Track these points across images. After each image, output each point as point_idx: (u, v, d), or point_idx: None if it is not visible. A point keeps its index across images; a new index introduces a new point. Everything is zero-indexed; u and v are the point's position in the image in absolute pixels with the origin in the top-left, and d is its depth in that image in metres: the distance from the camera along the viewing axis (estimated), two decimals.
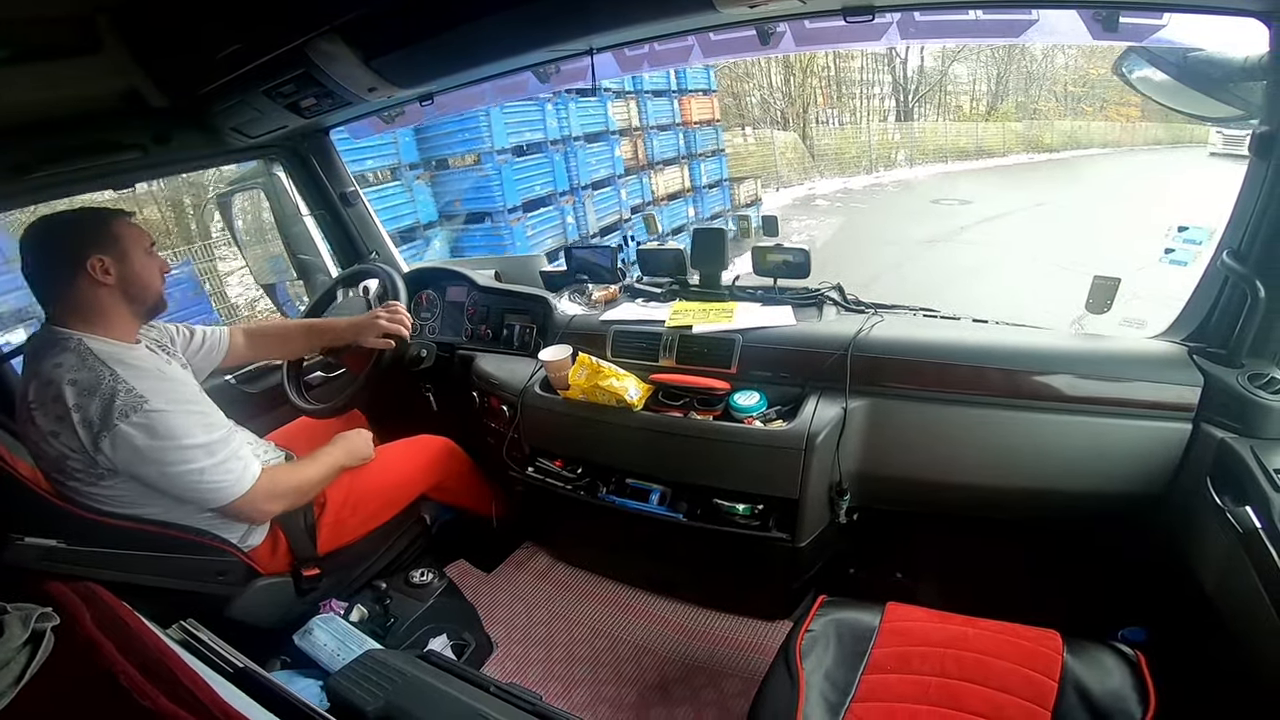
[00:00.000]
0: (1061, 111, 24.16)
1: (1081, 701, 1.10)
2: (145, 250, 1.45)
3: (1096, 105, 24.11)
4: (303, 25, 1.42)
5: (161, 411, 1.33)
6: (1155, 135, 23.39)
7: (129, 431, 1.29)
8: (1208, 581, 1.35)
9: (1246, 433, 1.34)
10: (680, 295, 2.09)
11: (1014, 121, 23.08)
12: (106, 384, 1.30)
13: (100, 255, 1.36)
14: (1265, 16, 1.18)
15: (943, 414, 1.63)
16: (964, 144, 21.19)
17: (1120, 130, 23.62)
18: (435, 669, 1.16)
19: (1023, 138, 22.47)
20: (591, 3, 1.37)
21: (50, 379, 1.30)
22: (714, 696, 1.74)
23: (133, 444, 1.30)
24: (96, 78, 1.57)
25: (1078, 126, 23.41)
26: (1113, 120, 23.78)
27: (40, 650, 0.89)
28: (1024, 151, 21.88)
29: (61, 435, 1.29)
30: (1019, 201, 13.51)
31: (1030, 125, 22.92)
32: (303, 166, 2.39)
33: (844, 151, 19.39)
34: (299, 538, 1.65)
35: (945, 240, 10.99)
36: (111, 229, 1.40)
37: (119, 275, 1.39)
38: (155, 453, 1.32)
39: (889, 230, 12.27)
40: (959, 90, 24.70)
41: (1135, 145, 23.26)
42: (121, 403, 1.29)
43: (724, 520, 1.75)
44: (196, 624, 1.17)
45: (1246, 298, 1.35)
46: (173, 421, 1.34)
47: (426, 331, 2.41)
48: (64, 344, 1.34)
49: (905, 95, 23.05)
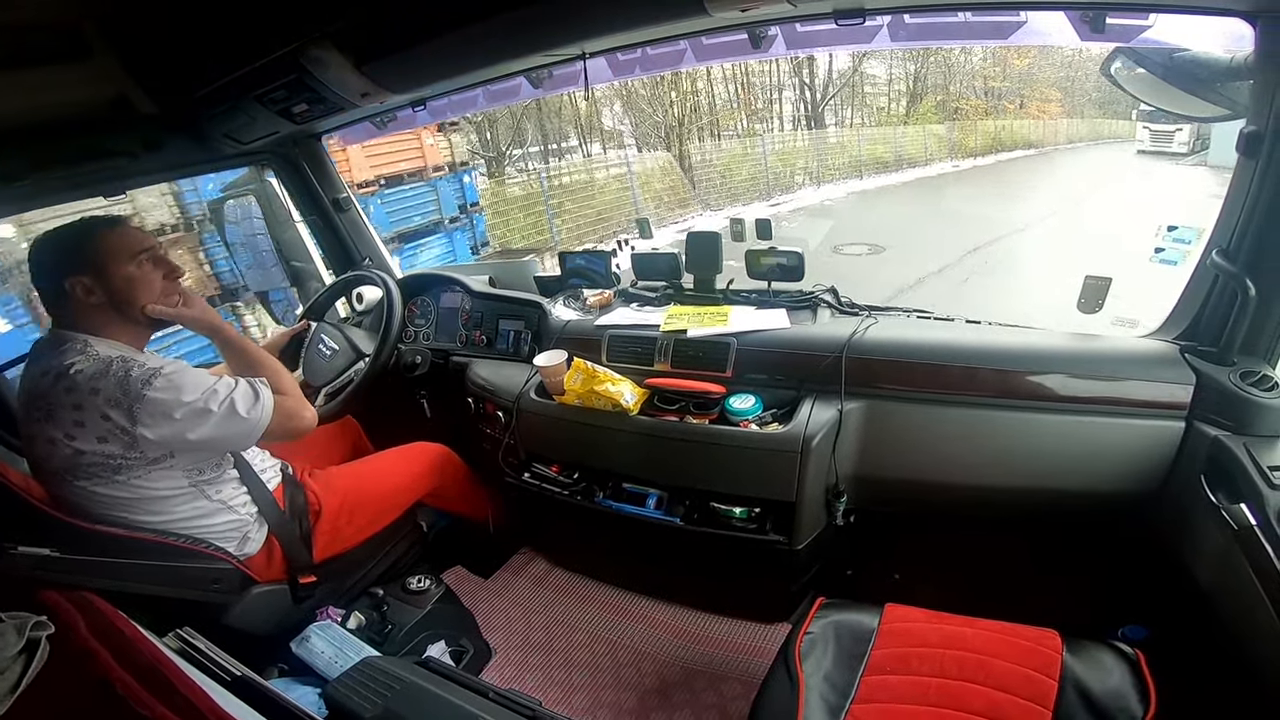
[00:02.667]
0: (984, 109, 22.16)
1: (1082, 700, 1.10)
2: (135, 260, 1.40)
3: (1017, 102, 22.59)
4: (294, 31, 1.42)
5: (177, 371, 1.34)
6: (1076, 132, 22.67)
7: (158, 397, 1.29)
8: (1204, 579, 1.36)
9: (1239, 430, 1.35)
10: (675, 299, 2.09)
11: (935, 123, 20.74)
12: (116, 364, 1.30)
13: (78, 277, 1.34)
14: (1251, 16, 1.19)
15: (938, 415, 1.64)
16: (881, 152, 18.11)
17: (1043, 130, 22.42)
18: (433, 675, 1.15)
19: (945, 141, 20.14)
20: (584, 7, 1.37)
21: (59, 373, 1.29)
22: (714, 700, 1.74)
23: (167, 406, 1.30)
24: (86, 84, 1.56)
25: (1001, 127, 21.69)
26: (1033, 118, 22.54)
27: (35, 659, 0.88)
28: (947, 158, 19.59)
29: (87, 426, 1.28)
30: (950, 244, 9.12)
31: (953, 127, 20.60)
32: (295, 172, 2.39)
33: (733, 174, 14.78)
34: (295, 546, 1.64)
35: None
36: (89, 245, 1.36)
37: (103, 293, 1.37)
38: (192, 406, 1.33)
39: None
40: (878, 91, 22.22)
41: (1058, 144, 22.12)
42: (137, 375, 1.29)
43: (721, 524, 1.75)
44: (193, 632, 1.16)
45: (1236, 296, 1.37)
46: (189, 376, 1.35)
47: (421, 338, 2.40)
48: (69, 342, 1.34)
49: (815, 99, 19.96)
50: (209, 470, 1.49)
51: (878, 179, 16.79)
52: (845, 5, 1.42)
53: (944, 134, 20.30)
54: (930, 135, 19.87)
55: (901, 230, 10.92)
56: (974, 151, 20.31)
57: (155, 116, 1.74)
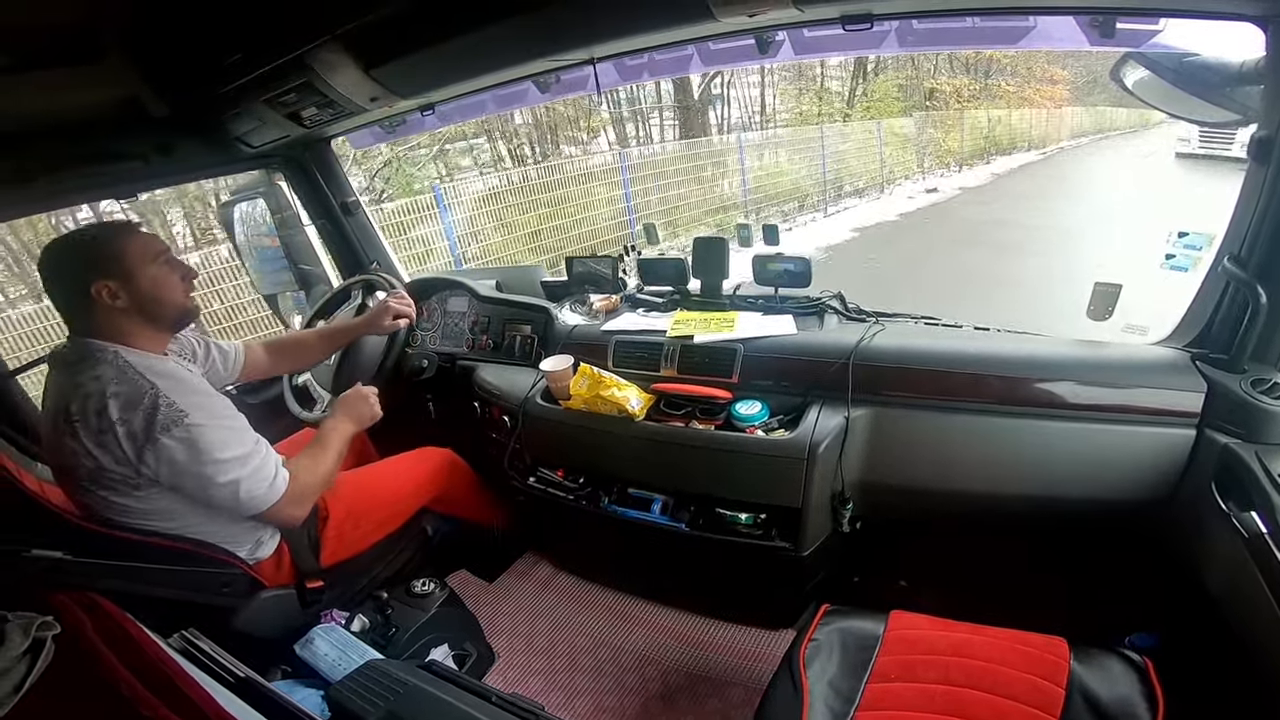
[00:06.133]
0: (974, 91, 15.49)
1: (1089, 708, 1.09)
2: (157, 262, 1.41)
3: (1018, 81, 16.31)
4: (304, 34, 1.43)
5: (200, 426, 1.33)
6: (1080, 124, 18.73)
7: (170, 445, 1.30)
8: (1214, 586, 1.34)
9: (1250, 438, 1.33)
10: (681, 305, 2.09)
11: (896, 114, 14.02)
12: (149, 397, 1.30)
13: (105, 281, 1.34)
14: (1262, 21, 1.19)
15: (946, 422, 1.63)
16: (803, 182, 11.08)
17: (1046, 122, 17.13)
18: (437, 679, 1.16)
19: (911, 143, 13.30)
20: (593, 13, 1.38)
21: (91, 392, 1.29)
22: (718, 706, 1.73)
23: (173, 457, 1.31)
24: (98, 87, 1.58)
25: (996, 120, 15.31)
26: (1034, 105, 16.62)
27: (40, 659, 0.89)
28: (918, 172, 13.10)
29: (107, 446, 1.29)
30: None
31: (923, 122, 13.79)
32: (304, 176, 2.41)
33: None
34: (303, 551, 1.64)
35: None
36: (111, 249, 1.37)
37: (129, 296, 1.36)
38: (194, 466, 1.33)
39: None
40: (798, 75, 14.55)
41: (1062, 141, 17.58)
42: (163, 417, 1.29)
43: (726, 529, 1.75)
44: (197, 633, 1.17)
45: (1248, 303, 1.35)
46: (211, 436, 1.34)
47: (428, 342, 2.41)
48: (100, 356, 1.33)
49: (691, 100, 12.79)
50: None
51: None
52: (853, 11, 1.42)
53: (913, 133, 13.61)
54: (890, 133, 12.96)
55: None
56: (959, 157, 14.15)
57: (167, 119, 1.76)
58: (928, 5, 1.52)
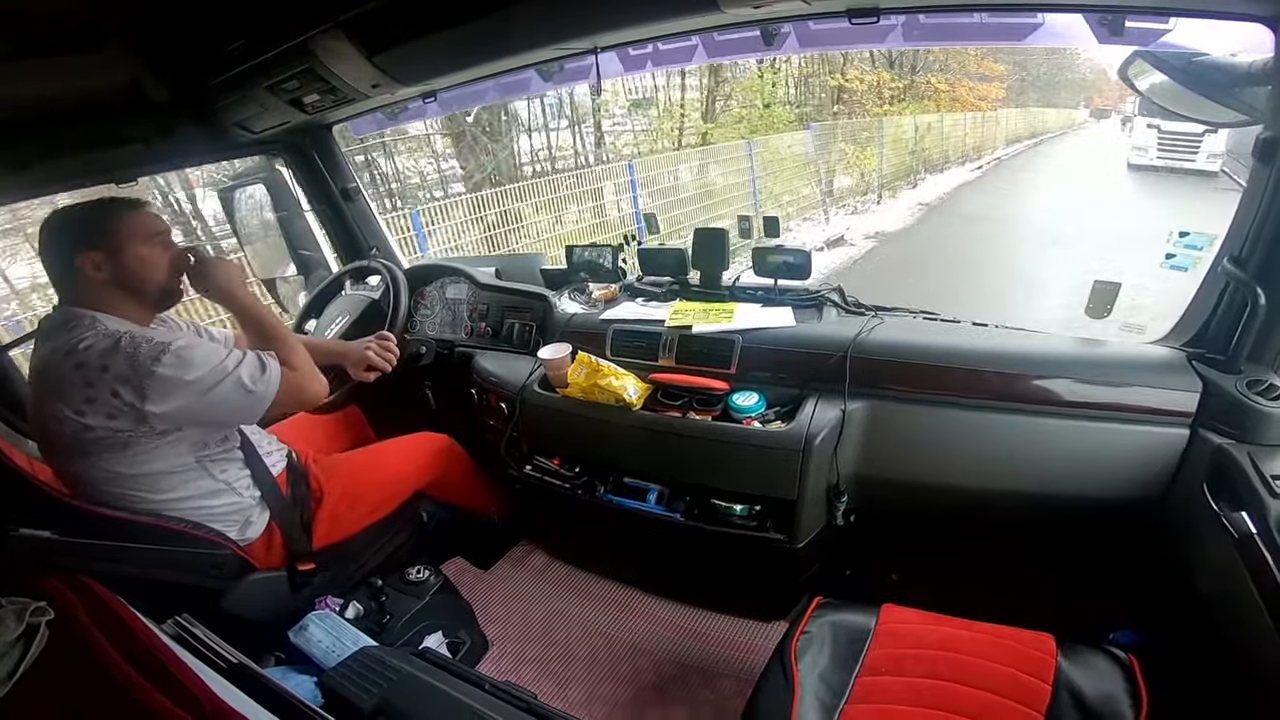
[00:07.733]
0: (896, 90, 12.36)
1: (1074, 704, 1.10)
2: (150, 242, 1.43)
3: (949, 78, 13.36)
4: (307, 20, 1.42)
5: (187, 346, 1.36)
6: (1014, 128, 17.03)
7: (167, 373, 1.31)
8: (1202, 586, 1.35)
9: (1244, 439, 1.33)
10: (680, 295, 2.08)
11: (789, 122, 10.82)
12: (125, 341, 1.32)
13: (89, 252, 1.36)
14: (1271, 21, 1.18)
15: (941, 417, 1.63)
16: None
17: (981, 126, 14.67)
18: (430, 666, 1.16)
19: (809, 165, 9.94)
20: (597, 2, 1.37)
21: (68, 350, 1.31)
22: (709, 696, 1.74)
23: (175, 383, 1.32)
24: (99, 72, 1.57)
25: (924, 126, 12.24)
26: (967, 106, 13.87)
27: (34, 644, 0.89)
28: (815, 212, 9.78)
29: (97, 401, 1.29)
30: None
31: (827, 136, 10.36)
32: (305, 162, 2.40)
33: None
34: (295, 532, 1.65)
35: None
36: (104, 223, 1.39)
37: (111, 270, 1.38)
38: (199, 382, 1.35)
39: None
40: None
41: (998, 149, 15.35)
42: (146, 353, 1.31)
43: (721, 520, 1.75)
44: (191, 619, 1.17)
45: (1246, 304, 1.35)
46: (199, 352, 1.37)
47: (426, 328, 2.41)
48: (78, 320, 1.35)
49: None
50: (214, 446, 1.50)
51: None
52: (859, 4, 1.41)
53: (808, 151, 10.01)
54: (772, 154, 9.41)
55: None
56: (878, 181, 10.69)
57: (168, 104, 1.75)
58: (934, 0, 1.51)
